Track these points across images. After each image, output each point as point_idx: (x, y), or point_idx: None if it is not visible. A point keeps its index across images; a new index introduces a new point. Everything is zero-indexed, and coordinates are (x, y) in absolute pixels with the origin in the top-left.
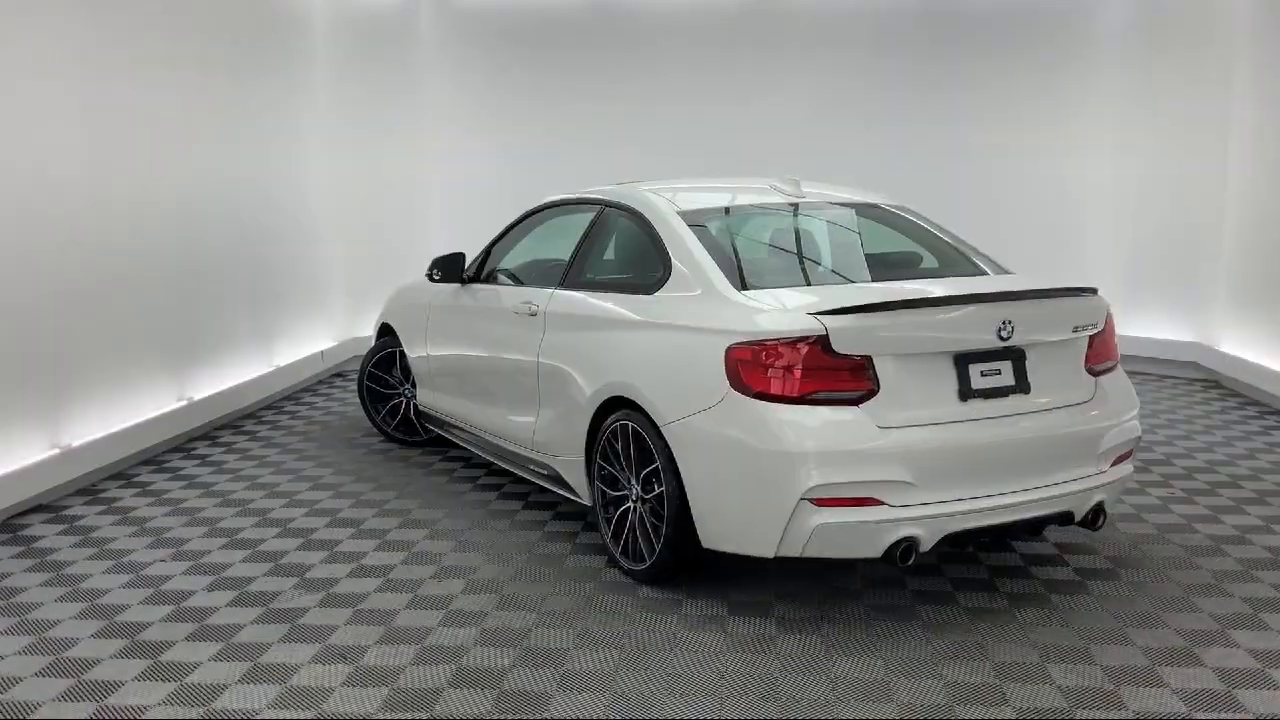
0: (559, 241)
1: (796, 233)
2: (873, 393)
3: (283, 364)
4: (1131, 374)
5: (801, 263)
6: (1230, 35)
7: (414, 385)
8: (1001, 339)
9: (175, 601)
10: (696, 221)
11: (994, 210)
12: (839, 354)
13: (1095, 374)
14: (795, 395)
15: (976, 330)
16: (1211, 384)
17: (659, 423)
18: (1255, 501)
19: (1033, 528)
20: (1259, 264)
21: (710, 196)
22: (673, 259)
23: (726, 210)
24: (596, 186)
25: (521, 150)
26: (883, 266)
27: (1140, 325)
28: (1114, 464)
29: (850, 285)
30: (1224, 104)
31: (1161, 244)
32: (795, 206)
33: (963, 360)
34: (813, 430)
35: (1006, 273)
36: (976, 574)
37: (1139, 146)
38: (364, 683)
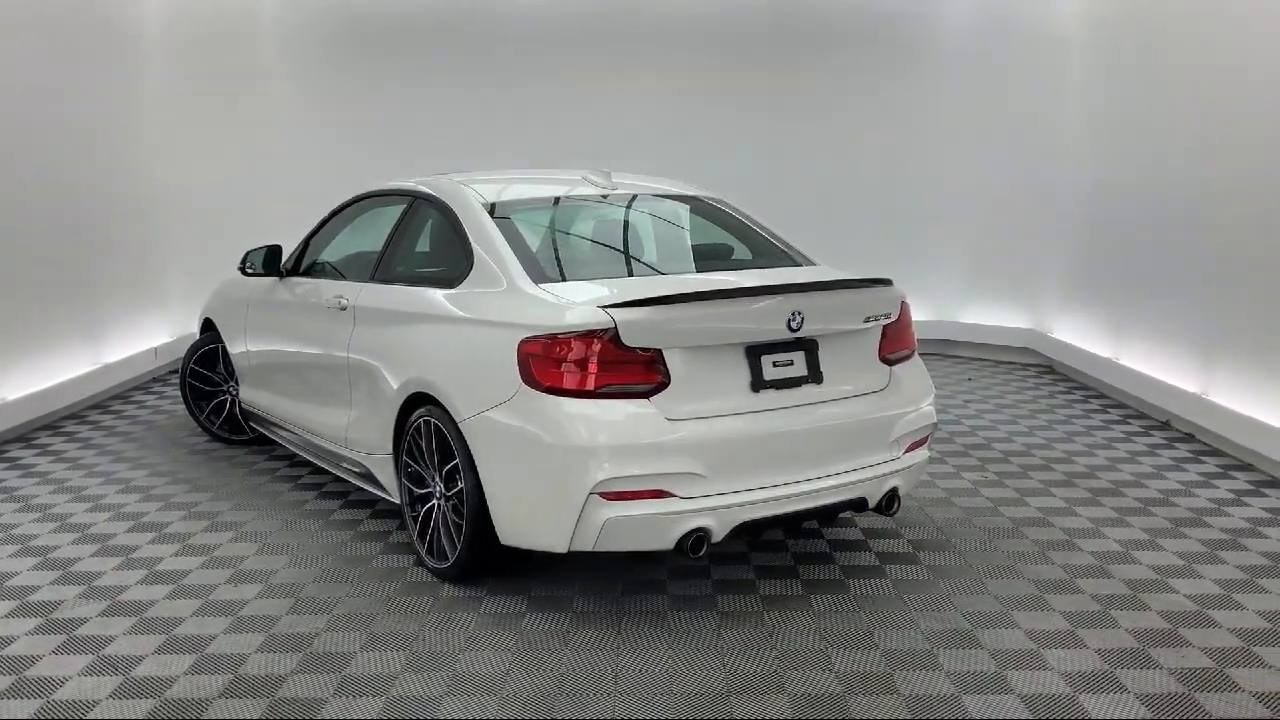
0: (377, 233)
1: (604, 225)
2: (663, 385)
3: (111, 361)
4: (971, 359)
5: (606, 255)
6: (1064, 40)
7: (238, 382)
8: (792, 330)
9: None
10: (503, 214)
11: (839, 205)
12: (628, 347)
13: (890, 363)
14: (584, 389)
15: (767, 322)
16: (1045, 369)
17: (456, 418)
18: (1063, 484)
19: (828, 515)
20: (1088, 256)
21: (519, 188)
22: (475, 252)
23: (534, 202)
24: (414, 178)
25: (371, 142)
26: (692, 258)
27: (980, 313)
28: (908, 450)
29: (650, 278)
30: (1057, 105)
31: (1000, 236)
32: (606, 198)
33: (754, 352)
34: (601, 424)
35: (814, 265)
36: (781, 561)
37: (980, 144)
38: (131, 694)
